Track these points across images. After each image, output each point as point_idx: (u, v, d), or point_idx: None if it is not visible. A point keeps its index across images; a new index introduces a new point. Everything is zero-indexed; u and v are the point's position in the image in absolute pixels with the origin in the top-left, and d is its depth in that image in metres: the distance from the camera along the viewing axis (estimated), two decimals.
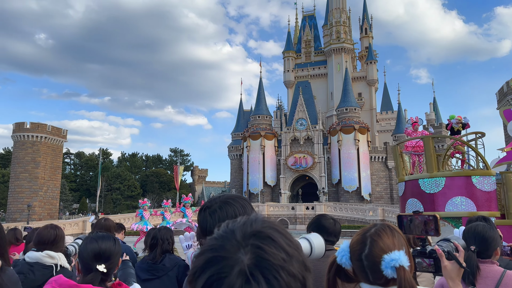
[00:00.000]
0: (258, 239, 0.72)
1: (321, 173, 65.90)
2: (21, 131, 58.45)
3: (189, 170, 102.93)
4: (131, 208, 72.76)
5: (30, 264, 3.04)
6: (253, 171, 67.70)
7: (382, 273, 1.37)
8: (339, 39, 74.55)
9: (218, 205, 1.55)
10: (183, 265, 4.06)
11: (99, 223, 4.78)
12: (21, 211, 55.00)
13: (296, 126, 68.90)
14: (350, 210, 51.14)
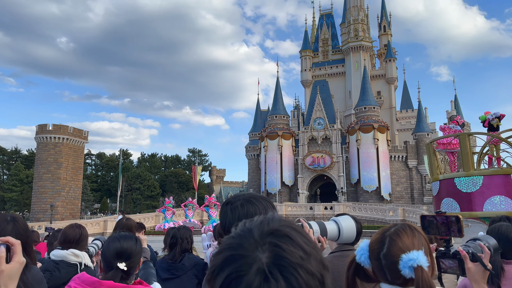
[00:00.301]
0: (276, 237, 0.72)
1: (340, 172, 65.33)
2: (43, 132, 59.90)
3: (207, 170, 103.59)
4: (151, 208, 73.67)
5: (55, 262, 3.13)
6: (270, 171, 67.63)
7: (400, 273, 1.36)
8: (357, 37, 73.72)
9: (241, 202, 1.58)
10: (202, 264, 4.08)
11: (120, 223, 4.86)
12: (44, 211, 56.36)
13: (314, 125, 68.49)
14: (369, 210, 50.52)
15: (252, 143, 77.50)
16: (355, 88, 72.32)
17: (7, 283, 1.30)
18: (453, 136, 11.81)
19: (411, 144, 67.80)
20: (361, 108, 65.55)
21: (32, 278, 2.12)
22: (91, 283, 1.96)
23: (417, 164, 66.31)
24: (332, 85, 75.17)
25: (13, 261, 1.32)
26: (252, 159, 76.74)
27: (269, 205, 1.62)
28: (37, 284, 2.20)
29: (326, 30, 79.79)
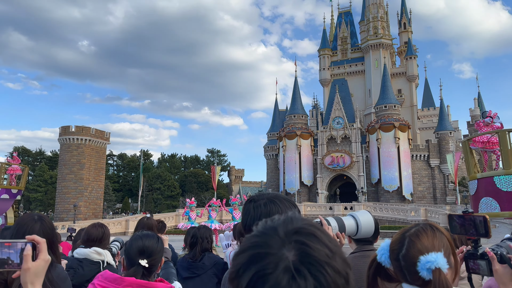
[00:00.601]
0: (302, 235, 0.72)
1: (360, 172, 64.61)
2: (66, 134, 61.32)
3: (226, 170, 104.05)
4: (171, 208, 74.49)
5: (79, 260, 3.21)
6: (289, 170, 67.43)
7: (418, 274, 1.35)
8: (377, 34, 72.77)
9: (264, 201, 1.59)
10: (222, 263, 4.11)
11: (141, 222, 4.93)
12: (68, 211, 57.69)
13: (333, 124, 67.95)
14: (390, 210, 49.78)
15: (270, 143, 77.45)
16: (375, 86, 71.41)
17: (33, 280, 1.33)
18: (492, 133, 11.45)
19: (433, 142, 66.52)
20: (382, 106, 64.68)
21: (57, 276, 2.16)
22: (114, 280, 2.01)
23: (440, 163, 65.03)
24: (351, 83, 74.41)
25: (38, 259, 1.35)
26: (270, 159, 76.69)
27: (292, 206, 1.61)
28: (62, 282, 2.24)
29: (345, 28, 79.04)
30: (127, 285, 1.99)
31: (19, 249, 1.33)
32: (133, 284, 2.00)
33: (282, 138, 69.64)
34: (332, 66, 77.52)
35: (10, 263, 1.31)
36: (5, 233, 2.64)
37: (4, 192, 15.25)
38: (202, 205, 75.32)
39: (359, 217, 1.98)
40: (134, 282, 2.00)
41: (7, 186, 15.37)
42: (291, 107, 72.39)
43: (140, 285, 2.00)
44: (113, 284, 2.00)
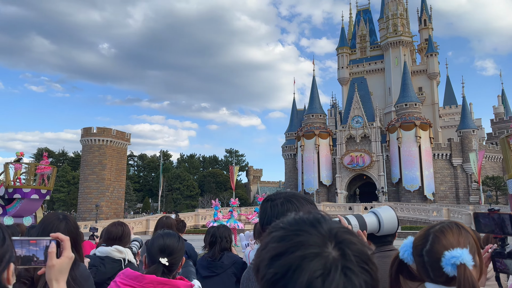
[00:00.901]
0: (339, 232, 0.72)
1: (380, 172, 63.78)
2: (88, 135, 62.60)
3: (244, 170, 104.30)
4: (190, 207, 75.12)
5: (101, 258, 3.27)
6: (307, 170, 67.09)
7: (442, 270, 1.32)
8: (396, 32, 71.69)
9: (281, 201, 1.58)
10: (241, 262, 4.12)
11: (161, 221, 4.98)
12: (90, 210, 58.87)
13: (352, 123, 67.26)
14: (412, 210, 48.97)
15: (288, 143, 77.23)
16: (395, 85, 70.37)
17: (58, 277, 1.37)
18: None
19: (456, 141, 65.11)
20: (402, 105, 63.71)
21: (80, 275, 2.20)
22: (135, 278, 2.04)
23: (462, 162, 63.61)
24: (370, 82, 73.50)
25: (63, 256, 1.39)
26: (288, 159, 76.47)
27: (311, 206, 1.60)
28: (85, 280, 2.28)
29: (364, 26, 78.15)
30: (148, 283, 2.02)
31: (43, 247, 1.36)
32: (154, 281, 2.02)
33: (300, 137, 69.34)
34: (351, 65, 76.75)
35: (35, 260, 1.34)
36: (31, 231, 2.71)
37: (34, 192, 15.58)
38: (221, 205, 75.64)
39: (380, 213, 1.94)
40: (154, 280, 2.03)
41: (36, 186, 15.81)
42: (309, 106, 71.99)
43: (161, 283, 2.03)
44: (134, 281, 2.04)
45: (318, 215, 0.78)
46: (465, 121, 65.72)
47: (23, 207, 15.42)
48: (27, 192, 15.38)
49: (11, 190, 15.33)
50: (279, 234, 0.73)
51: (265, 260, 0.71)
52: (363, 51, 77.26)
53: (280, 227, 0.75)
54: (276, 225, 0.76)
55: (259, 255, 0.73)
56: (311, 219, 0.75)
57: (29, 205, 15.54)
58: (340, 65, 77.15)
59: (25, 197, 15.32)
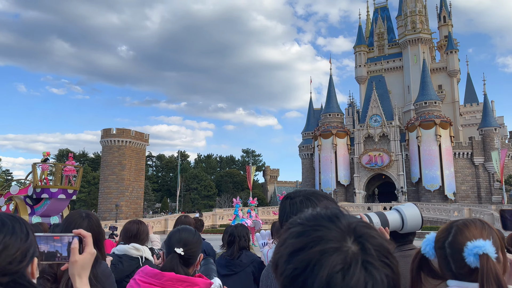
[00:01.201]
0: (358, 227, 0.72)
1: (399, 171, 62.89)
2: (108, 136, 63.65)
3: (261, 170, 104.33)
4: (208, 207, 75.58)
5: (119, 256, 3.31)
6: (325, 170, 66.65)
7: (464, 261, 1.30)
8: (415, 29, 70.59)
9: (300, 199, 1.59)
10: (259, 261, 4.12)
11: (179, 220, 5.03)
12: (110, 210, 59.85)
13: (370, 122, 66.51)
14: (432, 210, 48.13)
15: (305, 143, 76.90)
16: (414, 83, 69.32)
17: (81, 273, 1.40)
18: None
19: (477, 140, 63.69)
20: (421, 103, 62.70)
21: (101, 272, 2.23)
22: (154, 275, 2.05)
23: (484, 161, 62.18)
24: (389, 80, 72.57)
25: (85, 252, 1.42)
26: (305, 159, 76.15)
27: (331, 203, 1.60)
28: (106, 278, 2.31)
29: (381, 24, 77.21)
30: (167, 280, 2.03)
31: (66, 243, 1.39)
32: (173, 279, 2.03)
33: (317, 137, 68.96)
34: (369, 63, 75.93)
35: (58, 256, 1.37)
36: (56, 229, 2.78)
37: (61, 192, 15.88)
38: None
39: (404, 210, 1.90)
40: (174, 277, 2.04)
41: (63, 186, 16.12)
42: (326, 105, 71.51)
43: (180, 280, 2.03)
44: (153, 279, 2.05)
45: (336, 210, 0.77)
46: (486, 119, 64.24)
47: (50, 207, 15.68)
48: (55, 192, 15.66)
49: (39, 190, 15.59)
50: (298, 229, 0.72)
51: (284, 256, 0.70)
52: (381, 49, 76.34)
53: (298, 223, 0.74)
54: (294, 221, 0.76)
55: (277, 251, 0.73)
56: (329, 214, 0.75)
57: (56, 204, 15.81)
58: (357, 63, 76.43)
59: (52, 197, 15.58)
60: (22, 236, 1.11)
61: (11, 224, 1.11)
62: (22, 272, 1.08)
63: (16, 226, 1.12)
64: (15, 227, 1.11)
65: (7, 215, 1.16)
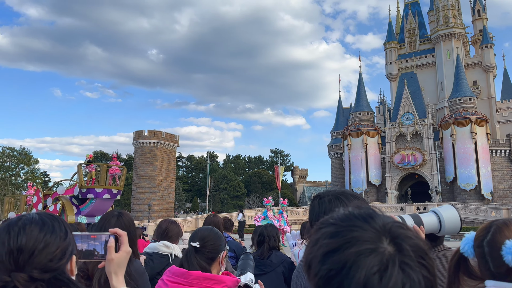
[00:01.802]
0: (394, 227, 0.70)
1: (433, 170, 61.10)
2: (140, 138, 65.23)
3: (290, 170, 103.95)
4: (237, 207, 76.04)
5: (149, 254, 3.39)
6: (355, 170, 65.64)
7: (502, 260, 1.29)
8: (448, 24, 68.41)
9: (329, 198, 1.59)
10: (290, 262, 4.10)
11: (208, 219, 5.10)
12: (142, 210, 61.27)
13: (402, 121, 64.96)
14: (468, 210, 46.46)
15: (334, 142, 76.05)
16: (447, 79, 67.20)
17: (117, 271, 1.45)
18: None
19: None
20: (455, 100, 60.70)
21: (135, 270, 2.29)
22: (181, 274, 2.09)
23: None
24: (421, 77, 70.66)
25: (121, 251, 1.46)
26: (335, 158, 75.28)
27: (362, 203, 1.58)
28: (140, 276, 2.37)
29: (412, 19, 75.29)
30: (194, 279, 2.05)
31: (103, 241, 1.44)
32: (200, 277, 2.05)
33: (346, 136, 68.02)
34: (400, 60, 74.21)
35: (96, 254, 1.43)
36: (92, 229, 2.89)
37: (106, 192, 16.36)
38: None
39: (441, 212, 1.83)
40: (200, 276, 2.06)
41: (108, 186, 16.58)
42: (356, 104, 70.42)
43: (206, 278, 2.06)
44: (180, 278, 2.08)
45: (370, 210, 0.76)
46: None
47: (95, 207, 16.09)
48: (100, 192, 16.10)
49: (84, 190, 16.05)
50: (331, 230, 0.71)
51: (317, 257, 0.69)
52: (412, 45, 74.46)
53: (331, 223, 0.73)
54: (325, 221, 0.75)
55: (310, 252, 0.71)
56: (363, 214, 0.74)
57: (101, 204, 16.23)
58: (388, 60, 74.86)
59: (97, 197, 16.01)
60: (61, 234, 1.16)
61: (51, 223, 1.17)
62: (62, 269, 1.13)
63: (56, 225, 1.17)
64: (55, 226, 1.16)
65: (47, 215, 1.21)
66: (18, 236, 1.10)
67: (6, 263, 1.07)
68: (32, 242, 1.10)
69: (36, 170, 66.43)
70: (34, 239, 1.10)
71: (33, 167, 65.46)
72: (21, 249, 1.08)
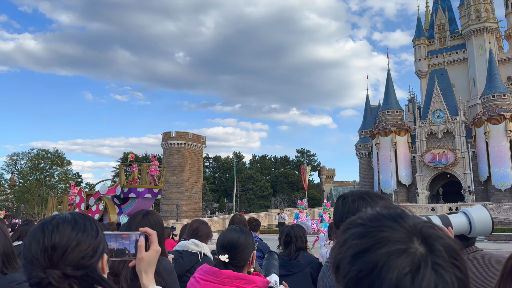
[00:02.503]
0: (424, 227, 0.69)
1: (466, 169, 59.17)
2: (168, 139, 66.42)
3: (316, 170, 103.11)
4: (264, 208, 76.10)
5: (179, 252, 3.45)
6: (384, 169, 64.39)
7: None
8: (479, 18, 66.11)
9: (353, 198, 1.57)
10: (317, 263, 4.08)
11: (234, 219, 5.13)
12: (171, 210, 62.32)
13: (433, 119, 63.24)
14: (503, 211, 44.76)
15: (362, 141, 74.88)
16: (479, 75, 64.94)
17: (147, 269, 1.48)
18: None
19: None
20: (489, 96, 58.62)
21: (163, 268, 2.33)
22: (213, 273, 2.11)
23: None
24: (452, 73, 68.58)
25: (151, 249, 1.50)
26: (363, 158, 74.11)
27: (383, 201, 1.55)
28: (168, 274, 2.41)
29: (442, 14, 73.18)
30: (225, 278, 2.07)
31: (134, 241, 1.48)
32: (231, 276, 2.07)
33: (375, 135, 66.83)
34: (429, 56, 72.28)
35: (127, 253, 1.46)
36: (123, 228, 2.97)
37: (147, 192, 16.50)
38: (294, 205, 75.69)
39: (471, 213, 1.76)
40: (231, 275, 2.08)
41: (150, 186, 16.69)
42: (384, 102, 69.09)
43: (237, 278, 2.07)
44: (212, 277, 2.10)
45: (398, 210, 0.74)
46: None
47: (137, 206, 16.17)
48: (141, 191, 16.29)
49: (126, 190, 16.26)
50: (360, 230, 0.70)
51: (346, 257, 0.68)
52: (442, 41, 72.38)
53: (359, 223, 0.72)
54: (353, 221, 0.74)
55: (338, 252, 0.70)
56: (392, 214, 0.72)
57: (142, 204, 16.32)
58: (417, 57, 73.07)
59: (139, 196, 16.19)
60: (93, 233, 1.21)
61: (83, 222, 1.23)
62: (94, 266, 1.19)
63: (87, 224, 1.23)
64: (86, 225, 1.22)
65: (79, 214, 1.27)
66: (52, 234, 1.16)
67: (41, 260, 1.13)
68: (65, 240, 1.16)
69: (69, 171, 68.72)
70: (67, 237, 1.16)
71: (66, 169, 67.74)
72: (55, 247, 1.14)
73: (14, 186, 67.92)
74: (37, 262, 1.14)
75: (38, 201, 61.12)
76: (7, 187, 70.17)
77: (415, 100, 72.30)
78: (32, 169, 63.32)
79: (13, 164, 64.68)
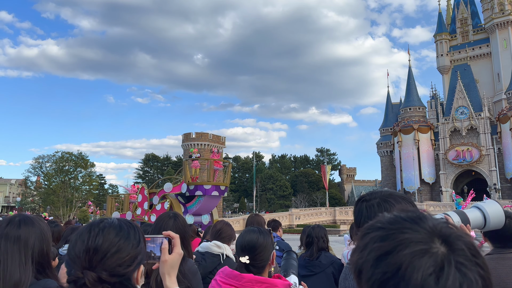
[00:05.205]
0: (445, 228, 0.70)
1: (491, 167, 57.60)
2: (188, 140, 67.09)
3: (337, 169, 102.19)
4: (284, 207, 75.91)
5: (202, 253, 3.48)
6: (406, 167, 63.31)
7: None
8: (503, 11, 64.28)
9: (377, 201, 1.51)
10: (339, 263, 4.06)
11: (251, 218, 5.15)
12: None
13: (456, 115, 61.81)
14: None
15: (383, 139, 73.82)
16: (504, 70, 63.10)
17: (170, 271, 1.52)
18: None
19: None
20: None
21: (188, 270, 2.36)
22: (234, 276, 2.11)
23: None
24: (475, 68, 66.86)
25: (174, 252, 1.53)
26: (384, 156, 73.05)
27: (410, 205, 1.49)
28: (193, 275, 2.44)
29: (464, 8, 71.42)
30: (247, 281, 2.06)
31: (159, 243, 1.51)
32: (252, 280, 2.06)
33: (396, 133, 65.80)
34: (452, 51, 70.66)
35: (153, 255, 1.50)
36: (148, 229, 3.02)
37: (214, 189, 14.86)
38: (314, 205, 75.22)
39: (485, 207, 1.77)
40: (253, 279, 2.07)
41: (217, 182, 15.12)
42: (406, 99, 67.93)
43: (259, 281, 2.06)
44: (233, 280, 2.09)
45: (417, 212, 0.75)
46: None
47: (203, 205, 14.96)
48: (208, 189, 14.84)
49: (192, 187, 14.91)
50: (380, 233, 0.71)
51: (369, 261, 0.68)
52: (464, 36, 70.65)
53: (379, 227, 0.72)
54: (372, 226, 0.74)
55: (360, 257, 0.71)
56: (411, 216, 0.73)
57: (209, 202, 15.07)
58: (439, 52, 71.57)
59: (206, 194, 14.76)
60: (134, 242, 1.23)
61: (127, 230, 1.24)
62: (129, 276, 1.20)
63: (131, 233, 1.25)
64: (130, 233, 1.24)
65: (125, 221, 1.29)
66: (97, 237, 1.19)
67: (82, 260, 1.17)
68: (107, 245, 1.18)
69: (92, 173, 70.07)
70: (109, 242, 1.19)
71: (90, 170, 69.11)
72: (97, 249, 1.17)
73: (40, 188, 69.82)
74: (78, 261, 1.17)
75: (63, 202, 62.64)
76: (33, 189, 72.19)
77: (437, 97, 70.84)
78: (57, 172, 64.92)
79: (39, 167, 66.52)
